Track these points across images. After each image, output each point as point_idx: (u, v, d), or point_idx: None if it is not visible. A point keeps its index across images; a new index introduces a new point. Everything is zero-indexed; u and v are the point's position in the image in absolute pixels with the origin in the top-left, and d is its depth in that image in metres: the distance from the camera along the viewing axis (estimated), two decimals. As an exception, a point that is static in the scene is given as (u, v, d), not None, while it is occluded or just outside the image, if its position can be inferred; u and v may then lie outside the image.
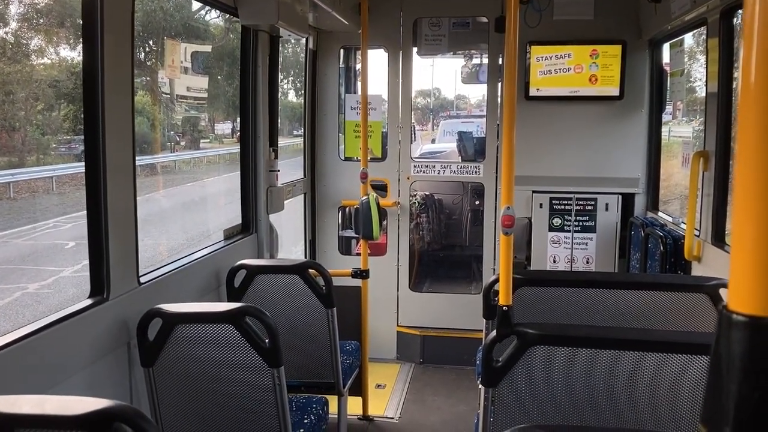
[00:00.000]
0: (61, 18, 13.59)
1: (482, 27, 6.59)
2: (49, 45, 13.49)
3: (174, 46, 10.16)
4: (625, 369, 2.45)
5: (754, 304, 0.68)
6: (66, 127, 14.99)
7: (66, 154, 15.38)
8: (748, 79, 0.67)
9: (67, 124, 14.76)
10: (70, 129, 14.78)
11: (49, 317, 2.66)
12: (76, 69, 12.89)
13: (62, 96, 14.21)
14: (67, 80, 13.76)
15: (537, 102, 6.05)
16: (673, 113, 8.16)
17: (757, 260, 0.67)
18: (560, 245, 6.11)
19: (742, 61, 0.69)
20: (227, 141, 22.73)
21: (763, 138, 0.67)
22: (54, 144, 15.18)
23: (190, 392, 3.09)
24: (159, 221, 14.08)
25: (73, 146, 15.26)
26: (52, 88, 14.19)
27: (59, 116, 14.89)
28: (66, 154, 15.38)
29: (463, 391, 5.81)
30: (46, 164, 14.80)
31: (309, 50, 6.33)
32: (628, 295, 3.40)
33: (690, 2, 4.39)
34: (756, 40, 0.66)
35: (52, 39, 13.33)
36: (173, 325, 2.99)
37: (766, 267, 0.67)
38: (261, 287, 4.04)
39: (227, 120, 21.92)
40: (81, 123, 13.18)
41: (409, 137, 6.54)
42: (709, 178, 4.35)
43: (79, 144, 15.54)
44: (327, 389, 4.16)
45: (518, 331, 2.53)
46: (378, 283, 6.08)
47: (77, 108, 14.92)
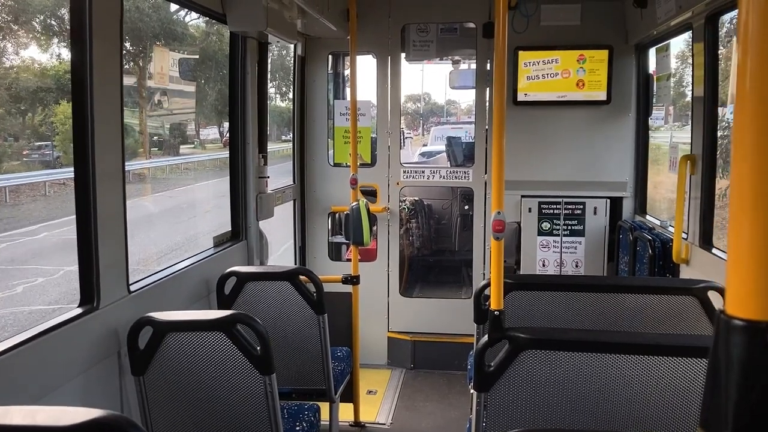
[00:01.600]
0: (27, 18, 13.41)
1: (470, 33, 6.62)
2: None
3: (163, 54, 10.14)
4: (616, 372, 2.46)
5: (752, 309, 0.69)
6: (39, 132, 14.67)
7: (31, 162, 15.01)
8: (744, 84, 0.68)
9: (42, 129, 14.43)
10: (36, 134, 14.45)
11: (39, 327, 2.64)
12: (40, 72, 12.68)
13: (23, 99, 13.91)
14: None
15: (525, 107, 6.08)
16: (665, 118, 8.23)
17: (754, 265, 0.68)
18: (549, 249, 6.13)
19: (737, 66, 0.70)
20: (189, 148, 22.36)
21: (759, 142, 0.68)
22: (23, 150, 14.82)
23: (181, 401, 3.07)
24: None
25: (45, 152, 14.85)
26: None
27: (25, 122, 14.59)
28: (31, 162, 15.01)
29: (455, 396, 5.81)
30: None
31: (297, 56, 6.34)
32: (618, 299, 3.42)
33: (675, 7, 4.44)
34: (751, 44, 0.67)
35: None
36: (164, 333, 2.98)
37: (763, 271, 0.68)
38: (251, 294, 4.02)
39: (200, 125, 21.62)
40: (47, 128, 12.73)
41: (398, 142, 6.54)
42: (697, 182, 4.40)
43: (49, 150, 15.14)
44: (318, 396, 4.15)
45: (509, 336, 2.53)
46: (368, 288, 6.08)
47: (45, 113, 14.63)
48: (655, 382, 2.43)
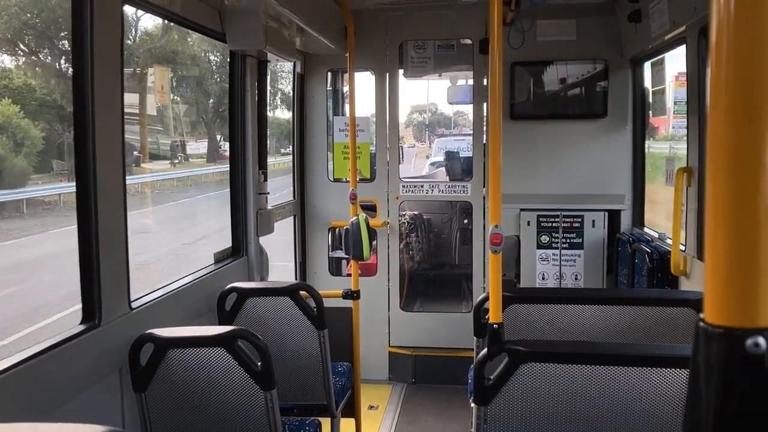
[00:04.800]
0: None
1: (467, 49, 6.68)
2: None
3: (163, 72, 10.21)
4: (616, 384, 2.47)
5: (729, 316, 0.70)
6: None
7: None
8: (718, 96, 0.71)
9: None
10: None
11: (42, 344, 2.65)
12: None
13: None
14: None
15: (522, 121, 6.13)
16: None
17: (730, 273, 0.70)
18: (549, 262, 6.15)
19: (710, 80, 0.72)
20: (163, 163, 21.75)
21: (731, 152, 0.70)
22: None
23: (182, 417, 3.07)
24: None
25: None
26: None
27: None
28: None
29: (456, 410, 5.80)
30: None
31: (297, 74, 6.39)
32: (617, 311, 3.43)
33: (669, 22, 4.50)
34: (725, 59, 0.70)
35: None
36: (165, 349, 2.99)
37: (740, 279, 0.70)
38: (252, 310, 4.03)
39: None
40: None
41: (397, 157, 6.58)
42: (693, 194, 4.42)
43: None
44: (320, 411, 4.15)
45: (509, 349, 2.55)
46: (369, 303, 6.08)
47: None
48: (655, 393, 2.44)
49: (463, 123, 35.87)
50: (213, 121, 25.08)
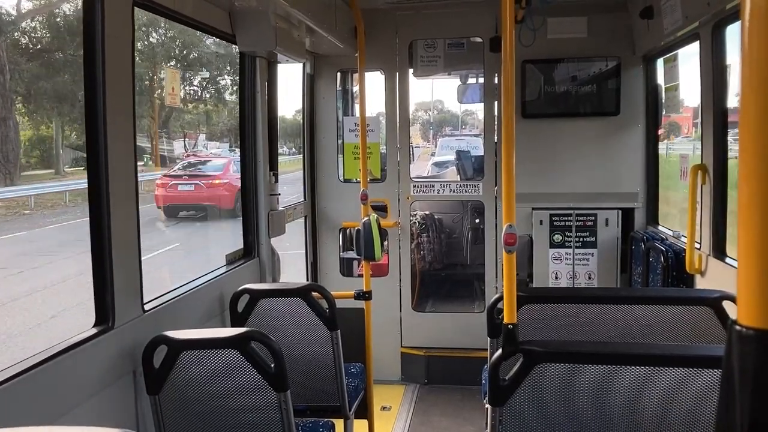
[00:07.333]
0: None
1: (477, 47, 6.66)
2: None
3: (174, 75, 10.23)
4: (632, 384, 2.44)
5: (764, 318, 0.69)
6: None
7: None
8: (749, 94, 0.69)
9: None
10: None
11: (55, 347, 2.66)
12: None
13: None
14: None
15: (534, 119, 6.09)
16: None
17: (764, 274, 0.68)
18: (562, 261, 6.11)
19: (741, 76, 0.70)
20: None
21: (764, 153, 0.68)
22: None
23: (196, 419, 3.07)
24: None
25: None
26: None
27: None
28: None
29: (469, 412, 5.77)
30: None
31: (306, 74, 6.39)
32: (632, 310, 3.40)
33: (682, 18, 4.45)
34: (754, 53, 0.68)
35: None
36: (178, 351, 2.99)
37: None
38: (264, 311, 4.03)
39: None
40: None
41: (408, 157, 6.56)
42: (708, 191, 4.38)
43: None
44: (333, 412, 4.14)
45: (524, 349, 2.52)
46: (381, 304, 6.07)
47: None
48: (672, 393, 2.41)
49: (473, 123, 35.36)
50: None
